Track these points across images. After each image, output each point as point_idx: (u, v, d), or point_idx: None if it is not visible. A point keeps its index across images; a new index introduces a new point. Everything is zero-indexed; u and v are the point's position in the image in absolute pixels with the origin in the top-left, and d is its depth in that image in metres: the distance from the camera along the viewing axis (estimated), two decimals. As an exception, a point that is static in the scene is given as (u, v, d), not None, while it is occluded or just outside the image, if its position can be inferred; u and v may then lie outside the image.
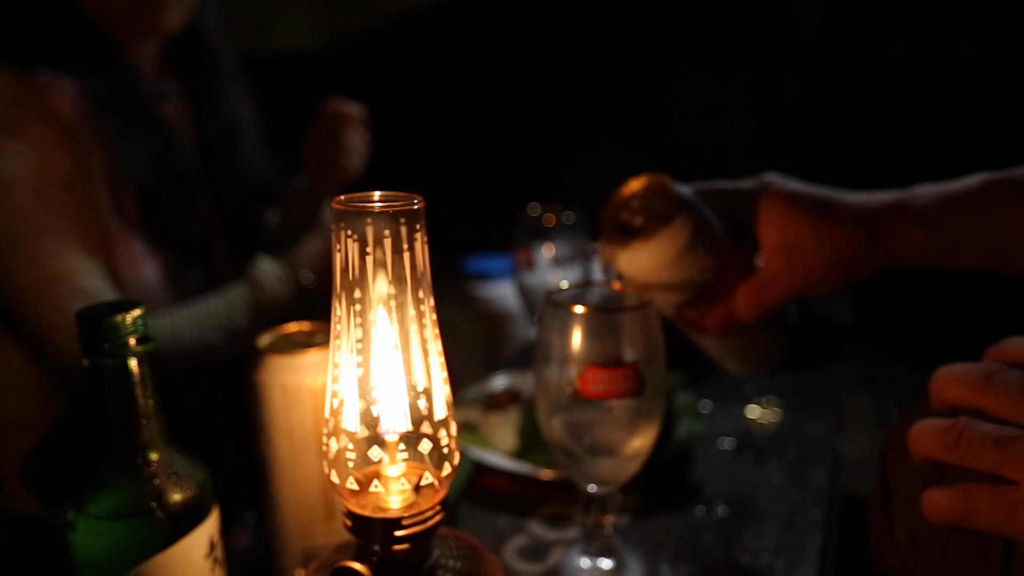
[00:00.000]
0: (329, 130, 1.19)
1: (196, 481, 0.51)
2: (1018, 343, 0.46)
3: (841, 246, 0.62)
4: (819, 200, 0.64)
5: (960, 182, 0.63)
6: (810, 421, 0.98)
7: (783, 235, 0.64)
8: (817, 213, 0.63)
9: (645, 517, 0.78)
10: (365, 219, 0.42)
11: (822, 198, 0.64)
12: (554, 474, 0.80)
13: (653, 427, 0.64)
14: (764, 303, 0.64)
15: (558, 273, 1.02)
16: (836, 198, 0.64)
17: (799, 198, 0.64)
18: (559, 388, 0.62)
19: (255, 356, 0.62)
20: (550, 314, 0.63)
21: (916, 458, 0.46)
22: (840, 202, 0.64)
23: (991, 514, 0.41)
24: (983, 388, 0.43)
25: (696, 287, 0.65)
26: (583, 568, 0.69)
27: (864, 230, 0.62)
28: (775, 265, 0.64)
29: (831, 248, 0.62)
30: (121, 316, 0.47)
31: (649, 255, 0.63)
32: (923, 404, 0.51)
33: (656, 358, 0.62)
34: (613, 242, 0.64)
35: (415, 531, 0.44)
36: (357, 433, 0.45)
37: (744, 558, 0.71)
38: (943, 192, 0.62)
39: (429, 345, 0.45)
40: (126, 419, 0.49)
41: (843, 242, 0.62)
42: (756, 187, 0.67)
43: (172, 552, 0.49)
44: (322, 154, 1.20)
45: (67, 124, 0.98)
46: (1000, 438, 0.41)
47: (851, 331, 1.33)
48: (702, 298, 0.66)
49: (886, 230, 0.62)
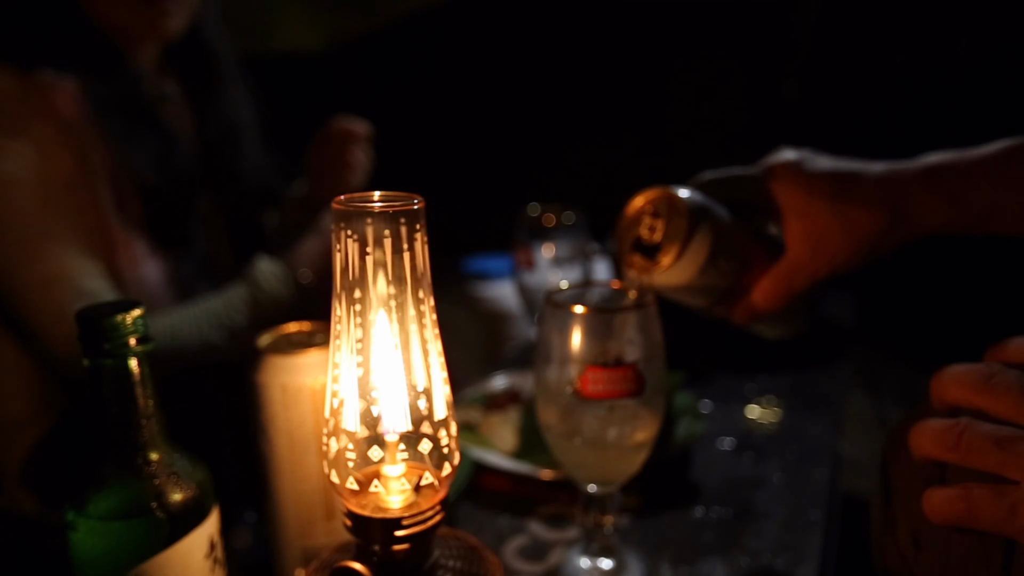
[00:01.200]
0: (336, 147, 1.20)
1: (196, 481, 0.51)
2: (1018, 343, 0.46)
3: (865, 228, 0.61)
4: (839, 180, 0.63)
5: (982, 149, 0.61)
6: (810, 421, 0.98)
7: (805, 223, 0.63)
8: (838, 197, 0.62)
9: (645, 517, 0.78)
10: (365, 219, 0.42)
11: (842, 177, 0.63)
12: (554, 474, 0.80)
13: (653, 427, 0.64)
14: (791, 291, 0.64)
15: (558, 273, 1.02)
16: (856, 174, 0.63)
17: (818, 181, 0.63)
18: (559, 388, 0.62)
19: (255, 356, 0.62)
20: (550, 314, 0.63)
21: (917, 458, 0.46)
22: (861, 178, 0.63)
23: (991, 514, 0.41)
24: (984, 389, 0.44)
25: (722, 290, 0.66)
26: (583, 568, 0.69)
27: (888, 209, 0.61)
28: (799, 253, 0.63)
29: (855, 231, 0.61)
30: (121, 316, 0.47)
31: (673, 278, 0.63)
32: (924, 404, 0.51)
33: (656, 358, 0.62)
34: (635, 267, 0.64)
35: (415, 531, 0.44)
36: (357, 433, 0.45)
37: (744, 558, 0.71)
38: (967, 162, 0.60)
39: (429, 345, 0.45)
40: (126, 419, 0.49)
41: (867, 224, 0.61)
42: (763, 170, 0.66)
43: (172, 552, 0.49)
44: (326, 168, 1.21)
45: (69, 124, 0.98)
46: (1001, 438, 0.41)
47: (851, 331, 1.33)
48: (729, 296, 0.66)
49: (910, 207, 0.61)
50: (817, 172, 0.64)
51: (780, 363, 1.15)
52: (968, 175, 0.60)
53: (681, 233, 0.61)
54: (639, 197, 0.65)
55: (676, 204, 0.62)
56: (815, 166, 0.64)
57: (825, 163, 0.65)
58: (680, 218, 0.62)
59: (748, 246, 0.65)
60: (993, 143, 0.61)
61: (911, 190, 0.61)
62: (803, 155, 0.66)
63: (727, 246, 0.63)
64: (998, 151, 0.60)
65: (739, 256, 0.65)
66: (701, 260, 0.62)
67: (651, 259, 0.63)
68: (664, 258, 0.62)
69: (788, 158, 0.66)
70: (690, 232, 0.61)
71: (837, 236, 0.62)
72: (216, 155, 1.18)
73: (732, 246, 0.64)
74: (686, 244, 0.61)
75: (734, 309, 0.67)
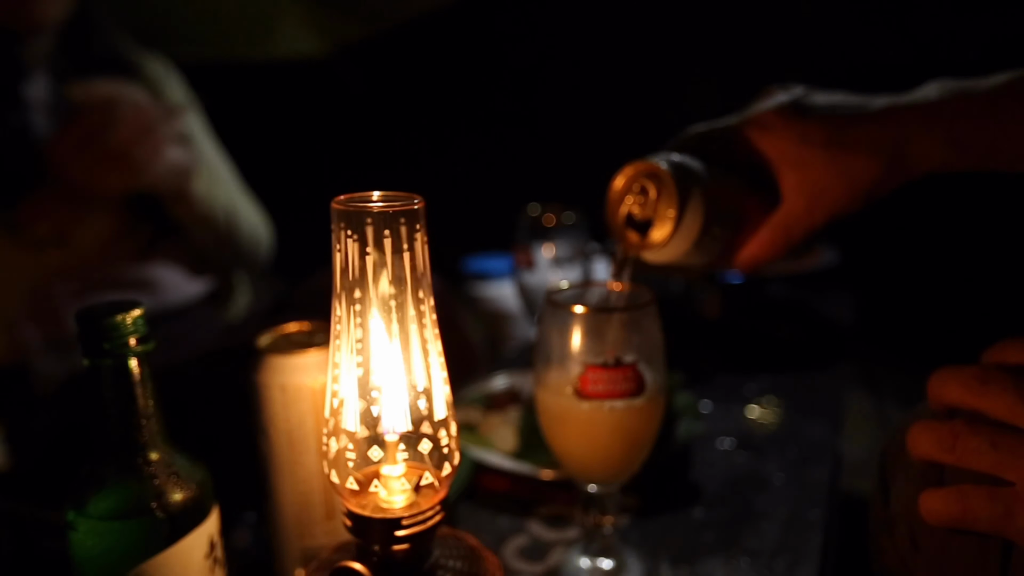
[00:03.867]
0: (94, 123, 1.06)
1: (196, 481, 0.51)
2: (1014, 345, 0.46)
3: (862, 175, 0.59)
4: (834, 126, 0.60)
5: (982, 83, 0.58)
6: (810, 421, 0.98)
7: (800, 173, 0.61)
8: (834, 144, 0.60)
9: (645, 517, 0.78)
10: (365, 219, 0.42)
11: (837, 122, 0.60)
12: (554, 474, 0.80)
13: (653, 427, 0.64)
14: (789, 242, 0.62)
15: (558, 273, 1.02)
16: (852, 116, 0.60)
17: (812, 128, 0.60)
18: (559, 388, 0.62)
19: (255, 356, 0.62)
20: (550, 314, 0.63)
21: (915, 459, 0.46)
22: (857, 121, 0.60)
23: (987, 516, 0.41)
24: (980, 390, 0.44)
25: (719, 251, 0.65)
26: (583, 568, 0.69)
27: (885, 154, 0.59)
28: (795, 204, 0.62)
29: (852, 179, 0.60)
30: (121, 316, 0.47)
31: (671, 251, 0.62)
32: (922, 405, 0.51)
33: (656, 358, 0.62)
34: (630, 246, 0.63)
35: (415, 531, 0.44)
36: (357, 433, 0.45)
37: (744, 558, 0.71)
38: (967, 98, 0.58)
39: (429, 345, 0.45)
40: (126, 419, 0.49)
41: (864, 171, 0.59)
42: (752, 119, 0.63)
43: (172, 552, 0.49)
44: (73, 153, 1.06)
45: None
46: (996, 440, 0.41)
47: (851, 331, 1.33)
48: (728, 252, 0.65)
49: (909, 149, 0.59)
50: (810, 118, 0.61)
51: (780, 363, 1.15)
52: (968, 113, 0.57)
53: (672, 206, 0.60)
54: (622, 173, 0.63)
55: (661, 176, 0.60)
56: (808, 110, 0.62)
57: (820, 103, 0.62)
58: (668, 190, 0.60)
59: (742, 202, 0.64)
60: (994, 76, 0.58)
61: (910, 131, 0.59)
62: (795, 95, 0.63)
63: (721, 208, 0.62)
64: (1000, 84, 0.57)
65: (734, 215, 0.63)
66: (696, 228, 0.61)
67: (645, 236, 0.62)
68: (659, 233, 0.61)
69: (779, 102, 0.63)
70: (681, 203, 0.59)
71: (834, 185, 0.60)
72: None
73: (726, 206, 0.62)
74: (679, 217, 0.60)
75: (734, 262, 0.66)
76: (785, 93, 0.64)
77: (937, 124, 0.58)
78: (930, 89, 0.60)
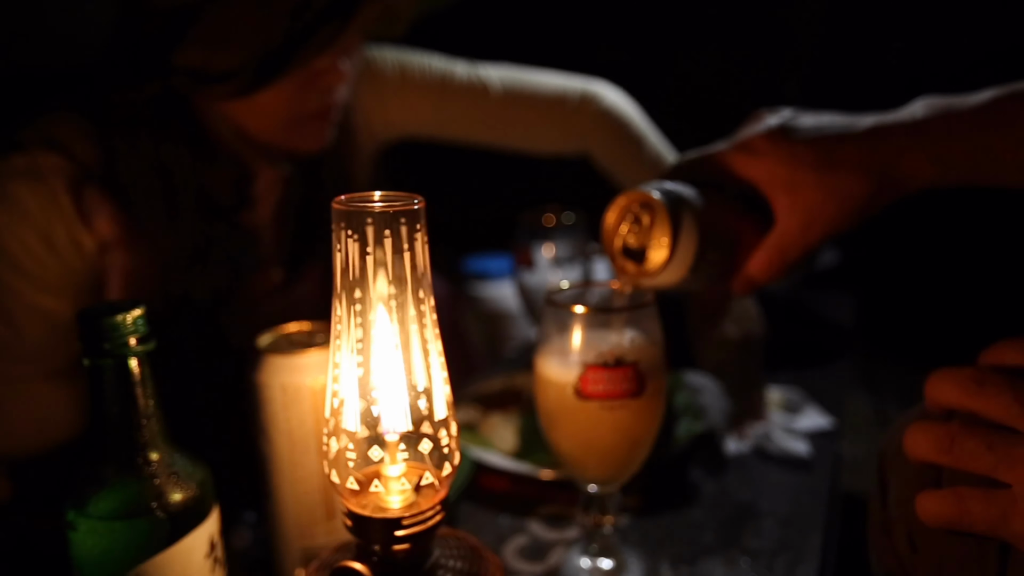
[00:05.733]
0: None
1: (196, 481, 0.51)
2: (1012, 346, 0.46)
3: (853, 195, 0.60)
4: (823, 147, 0.61)
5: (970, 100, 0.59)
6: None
7: (792, 196, 0.62)
8: (824, 166, 0.61)
9: (645, 517, 0.78)
10: (365, 219, 0.42)
11: (826, 143, 0.62)
12: (554, 474, 0.80)
13: (653, 427, 0.64)
14: (785, 263, 0.63)
15: (558, 273, 1.02)
16: (840, 137, 0.61)
17: (801, 151, 0.62)
18: (559, 388, 0.62)
19: (255, 356, 0.62)
20: (550, 314, 0.63)
21: (912, 460, 0.46)
22: (845, 141, 0.61)
23: (984, 518, 0.41)
24: (976, 392, 0.44)
25: (716, 275, 0.66)
26: (583, 568, 0.69)
27: (874, 173, 0.60)
28: (789, 226, 0.63)
29: (843, 199, 0.61)
30: (121, 316, 0.47)
31: (668, 277, 0.63)
32: (920, 406, 0.51)
33: (656, 358, 0.62)
34: (628, 275, 0.64)
35: (415, 531, 0.44)
36: (357, 433, 0.45)
37: (744, 558, 0.71)
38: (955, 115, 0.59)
39: (429, 345, 0.45)
40: (126, 419, 0.49)
41: (855, 191, 0.60)
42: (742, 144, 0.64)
43: (172, 552, 0.49)
44: None
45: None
46: (993, 442, 0.41)
47: (851, 331, 1.33)
48: (725, 274, 0.66)
49: (898, 168, 0.60)
50: (799, 140, 0.62)
51: (780, 363, 1.15)
52: (954, 132, 0.58)
53: (666, 234, 0.61)
54: (615, 204, 0.64)
55: (654, 205, 0.61)
56: (797, 133, 0.63)
57: (808, 125, 0.63)
58: (662, 218, 0.61)
59: (736, 225, 0.65)
60: (981, 92, 0.59)
61: (898, 150, 0.60)
62: (784, 118, 0.64)
63: (715, 232, 0.63)
64: (984, 102, 0.58)
65: (729, 238, 0.64)
66: (692, 253, 0.62)
67: (642, 264, 0.63)
68: (654, 262, 0.62)
69: (769, 126, 0.64)
70: (675, 231, 0.61)
71: (826, 205, 0.61)
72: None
73: (720, 230, 0.63)
74: (674, 244, 0.61)
75: (731, 284, 0.67)
76: (774, 116, 0.65)
77: (924, 143, 0.59)
78: (916, 107, 0.61)
